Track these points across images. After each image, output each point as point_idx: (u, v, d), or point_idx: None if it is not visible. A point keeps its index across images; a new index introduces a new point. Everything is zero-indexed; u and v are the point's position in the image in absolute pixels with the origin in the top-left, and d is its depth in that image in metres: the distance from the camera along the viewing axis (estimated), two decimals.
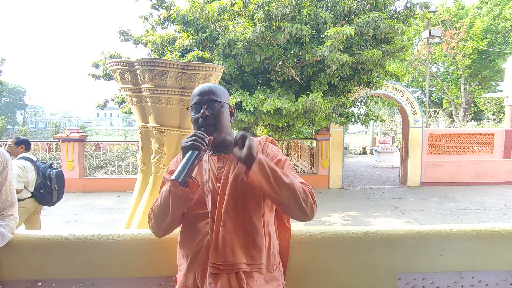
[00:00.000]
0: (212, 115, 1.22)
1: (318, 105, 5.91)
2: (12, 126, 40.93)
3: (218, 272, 1.14)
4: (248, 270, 1.17)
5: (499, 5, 21.73)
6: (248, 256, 1.18)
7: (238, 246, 1.17)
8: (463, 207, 7.25)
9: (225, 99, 1.28)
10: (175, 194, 1.11)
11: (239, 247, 1.18)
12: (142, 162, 2.93)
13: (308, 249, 1.49)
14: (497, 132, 9.99)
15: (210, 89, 1.25)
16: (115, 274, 1.47)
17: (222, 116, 1.24)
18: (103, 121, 72.00)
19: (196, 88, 1.30)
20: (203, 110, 1.21)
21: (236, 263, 1.15)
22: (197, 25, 6.75)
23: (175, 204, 1.14)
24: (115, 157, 9.22)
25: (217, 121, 1.23)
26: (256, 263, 1.19)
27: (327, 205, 7.47)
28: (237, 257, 1.16)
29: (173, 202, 1.14)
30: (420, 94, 26.92)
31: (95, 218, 6.30)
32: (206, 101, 1.23)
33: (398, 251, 1.50)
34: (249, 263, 1.17)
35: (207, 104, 1.23)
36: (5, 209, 1.45)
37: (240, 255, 1.17)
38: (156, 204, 1.21)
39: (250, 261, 1.18)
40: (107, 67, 6.55)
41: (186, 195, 1.12)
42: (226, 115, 1.27)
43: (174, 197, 1.13)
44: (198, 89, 1.27)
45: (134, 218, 2.84)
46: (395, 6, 8.62)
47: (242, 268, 1.16)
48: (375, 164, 13.96)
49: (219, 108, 1.24)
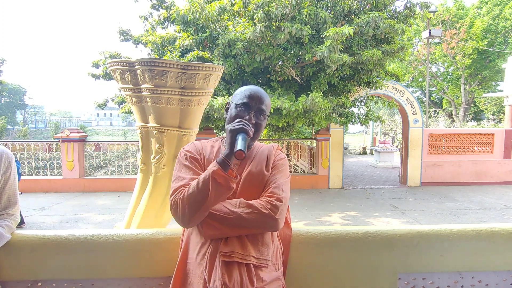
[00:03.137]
0: (257, 124, 1.28)
1: (318, 105, 5.91)
2: (12, 126, 40.93)
3: (228, 259, 1.15)
4: (257, 264, 1.18)
5: (499, 5, 21.73)
6: (256, 250, 1.20)
7: (247, 239, 1.20)
8: (463, 207, 7.25)
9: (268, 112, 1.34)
10: (216, 182, 1.13)
11: (248, 240, 1.20)
12: (142, 162, 2.92)
13: (308, 249, 1.49)
14: (497, 132, 9.99)
15: (263, 98, 1.31)
16: (115, 274, 1.47)
17: (262, 128, 1.31)
18: (103, 121, 71.98)
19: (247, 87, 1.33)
20: (251, 116, 1.27)
21: (245, 255, 1.17)
22: (197, 25, 6.75)
23: (215, 192, 1.14)
24: (115, 157, 9.21)
25: (258, 131, 1.29)
26: (264, 258, 1.21)
27: (327, 205, 7.47)
28: (247, 249, 1.18)
29: (213, 189, 1.13)
30: (420, 94, 26.91)
31: (95, 218, 6.30)
32: (255, 108, 1.28)
33: (398, 251, 1.50)
34: (257, 257, 1.19)
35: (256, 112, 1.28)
36: (6, 208, 1.45)
37: (249, 248, 1.19)
38: (190, 192, 1.15)
39: (258, 255, 1.20)
40: (107, 67, 6.55)
41: (227, 183, 1.14)
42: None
43: (215, 184, 1.13)
44: (251, 91, 1.31)
45: (134, 218, 2.84)
46: (395, 6, 8.63)
47: (251, 260, 1.17)
48: (375, 164, 13.96)
49: (262, 120, 1.31)
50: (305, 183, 9.23)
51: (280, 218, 1.18)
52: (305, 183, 9.23)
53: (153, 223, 2.73)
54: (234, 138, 1.15)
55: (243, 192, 1.24)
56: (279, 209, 1.17)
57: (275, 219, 1.16)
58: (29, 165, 8.70)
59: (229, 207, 1.17)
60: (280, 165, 1.32)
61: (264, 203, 1.17)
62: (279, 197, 1.19)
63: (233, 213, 1.16)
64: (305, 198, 8.09)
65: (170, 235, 1.49)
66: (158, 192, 2.77)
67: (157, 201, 2.76)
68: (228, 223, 1.16)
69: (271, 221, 1.16)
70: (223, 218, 1.16)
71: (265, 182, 1.26)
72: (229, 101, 1.37)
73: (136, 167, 8.60)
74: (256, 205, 1.17)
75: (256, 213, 1.15)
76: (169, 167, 2.75)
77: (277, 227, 1.18)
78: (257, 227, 1.18)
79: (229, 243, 1.17)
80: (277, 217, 1.16)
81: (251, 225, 1.16)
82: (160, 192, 2.76)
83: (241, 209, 1.16)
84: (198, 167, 1.28)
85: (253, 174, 1.27)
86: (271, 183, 1.25)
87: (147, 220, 2.74)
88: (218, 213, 1.16)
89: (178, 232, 1.52)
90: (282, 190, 1.23)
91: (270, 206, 1.16)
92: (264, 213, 1.15)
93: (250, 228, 1.18)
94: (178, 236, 1.48)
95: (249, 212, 1.16)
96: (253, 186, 1.25)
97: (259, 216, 1.15)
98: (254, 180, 1.26)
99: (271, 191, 1.22)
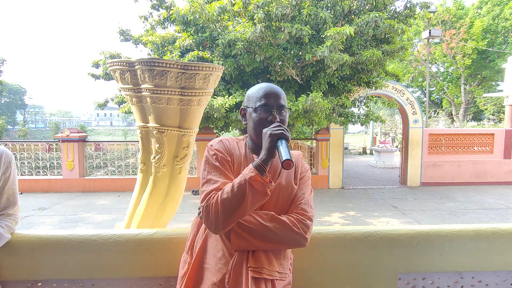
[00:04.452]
0: (282, 121, 1.23)
1: (318, 105, 5.91)
2: (12, 126, 40.93)
3: (258, 276, 1.12)
4: (279, 278, 1.17)
5: (499, 5, 21.73)
6: (279, 264, 1.19)
7: (272, 253, 1.18)
8: (463, 207, 7.25)
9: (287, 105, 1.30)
10: (253, 187, 1.08)
11: (273, 255, 1.18)
12: (142, 162, 2.92)
13: (308, 249, 1.49)
14: (497, 132, 9.99)
15: (278, 93, 1.26)
16: (115, 274, 1.47)
17: (286, 123, 1.27)
18: (103, 121, 71.98)
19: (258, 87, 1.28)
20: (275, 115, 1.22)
21: (272, 270, 1.15)
22: (197, 25, 6.75)
23: (251, 198, 1.09)
24: (115, 157, 9.21)
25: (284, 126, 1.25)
26: (285, 271, 1.20)
27: (327, 205, 7.47)
28: (272, 265, 1.16)
29: (250, 195, 1.08)
30: (420, 94, 26.92)
31: (95, 218, 6.30)
32: (276, 105, 1.24)
33: (398, 251, 1.50)
34: (280, 272, 1.18)
35: (278, 108, 1.24)
36: (5, 208, 1.45)
37: (274, 263, 1.17)
38: (225, 197, 1.09)
39: (281, 270, 1.18)
40: (107, 67, 6.56)
41: (264, 189, 1.09)
42: None
43: (251, 190, 1.08)
44: (265, 90, 1.25)
45: (134, 218, 2.84)
46: (395, 6, 8.62)
47: (276, 276, 1.15)
48: (375, 164, 13.96)
49: (285, 115, 1.26)
50: None
51: (309, 237, 1.17)
52: None
53: (153, 223, 2.73)
54: (274, 144, 1.09)
55: (270, 205, 1.19)
56: (309, 229, 1.17)
57: (305, 238, 1.16)
58: (29, 165, 8.71)
59: (260, 220, 1.14)
60: (306, 178, 1.30)
61: (296, 221, 1.15)
62: (310, 216, 1.18)
63: (263, 226, 1.13)
64: None
65: (170, 235, 1.49)
66: (158, 192, 2.77)
67: (157, 201, 2.76)
68: (257, 236, 1.13)
69: (301, 239, 1.15)
70: (252, 230, 1.13)
71: (293, 196, 1.23)
72: (244, 106, 1.31)
73: (136, 167, 8.61)
74: (288, 222, 1.14)
75: (287, 231, 1.14)
76: (169, 167, 2.75)
77: (305, 245, 1.17)
78: (287, 244, 1.17)
79: (257, 257, 1.14)
80: (307, 236, 1.16)
81: (280, 241, 1.14)
82: (160, 192, 2.76)
83: (272, 224, 1.14)
84: (229, 169, 1.21)
85: (283, 187, 1.22)
86: (300, 198, 1.22)
87: (147, 220, 2.74)
88: (248, 224, 1.13)
89: (178, 232, 1.52)
90: (311, 207, 1.22)
91: (302, 225, 1.15)
92: (296, 231, 1.14)
93: (279, 244, 1.16)
94: (178, 236, 1.48)
95: (280, 228, 1.13)
96: (282, 199, 1.22)
97: (290, 233, 1.14)
98: (283, 193, 1.22)
99: (302, 207, 1.19)
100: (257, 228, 1.13)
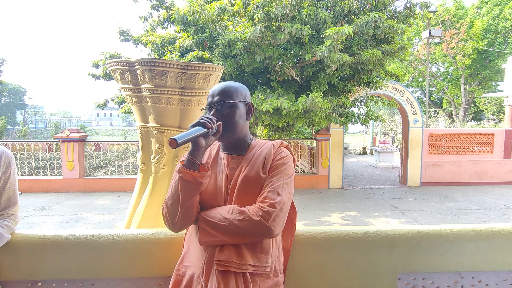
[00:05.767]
0: (222, 116, 1.22)
1: (318, 105, 5.91)
2: (12, 126, 40.92)
3: (224, 269, 1.13)
4: (254, 272, 1.16)
5: (499, 5, 21.73)
6: (255, 257, 1.17)
7: (244, 246, 1.17)
8: (463, 207, 7.25)
9: (238, 98, 1.26)
10: (184, 179, 1.11)
11: (246, 248, 1.17)
12: (142, 162, 2.92)
13: (308, 249, 1.49)
14: (497, 132, 9.99)
15: (221, 90, 1.25)
16: (115, 274, 1.47)
17: (231, 116, 1.23)
18: (103, 121, 71.99)
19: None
20: (213, 111, 1.23)
21: (241, 264, 1.14)
22: (197, 25, 6.75)
23: (184, 190, 1.12)
24: (115, 157, 9.21)
25: (228, 121, 1.22)
26: (263, 265, 1.18)
27: (327, 205, 7.47)
28: (243, 258, 1.15)
29: (183, 188, 1.12)
30: (420, 94, 26.92)
31: (95, 218, 6.30)
32: (216, 103, 1.24)
33: (398, 251, 1.50)
34: (255, 265, 1.16)
35: (218, 105, 1.23)
36: (6, 208, 1.45)
37: (246, 256, 1.16)
38: (168, 195, 1.18)
39: (256, 263, 1.17)
40: (107, 67, 6.55)
41: (195, 179, 1.11)
42: (238, 114, 1.25)
43: (183, 183, 1.12)
44: (211, 89, 1.29)
45: (134, 218, 2.84)
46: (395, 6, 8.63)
47: (248, 269, 1.15)
48: (375, 164, 13.96)
49: (228, 109, 1.23)
50: (305, 183, 9.24)
51: (274, 225, 1.10)
52: (305, 183, 9.24)
53: (153, 223, 2.73)
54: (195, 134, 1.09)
55: (239, 199, 1.19)
56: (272, 216, 1.10)
57: (267, 226, 1.10)
58: (29, 165, 8.71)
59: (223, 214, 1.15)
60: (279, 165, 1.22)
61: (256, 210, 1.12)
62: (272, 203, 1.12)
63: (226, 219, 1.13)
64: (305, 198, 8.09)
65: (170, 235, 1.49)
66: (158, 192, 2.77)
67: (157, 201, 2.76)
68: (222, 230, 1.13)
69: (263, 229, 1.10)
70: (216, 224, 1.14)
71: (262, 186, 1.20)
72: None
73: (136, 167, 8.61)
74: (247, 211, 1.12)
75: (248, 221, 1.11)
76: (169, 167, 2.75)
77: (271, 235, 1.12)
78: (251, 235, 1.13)
79: (225, 251, 1.15)
80: (269, 224, 1.10)
81: (244, 232, 1.12)
82: (160, 192, 2.77)
83: (233, 216, 1.13)
84: None
85: (249, 179, 1.20)
86: (266, 186, 1.17)
87: (147, 220, 2.74)
88: (212, 219, 1.15)
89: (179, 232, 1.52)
90: (278, 193, 1.15)
91: (262, 212, 1.10)
92: (255, 220, 1.10)
93: (244, 236, 1.13)
94: (178, 236, 1.48)
95: (241, 219, 1.11)
96: (249, 192, 1.19)
97: (250, 223, 1.10)
98: (250, 185, 1.19)
99: (265, 195, 1.15)
100: (220, 222, 1.14)
